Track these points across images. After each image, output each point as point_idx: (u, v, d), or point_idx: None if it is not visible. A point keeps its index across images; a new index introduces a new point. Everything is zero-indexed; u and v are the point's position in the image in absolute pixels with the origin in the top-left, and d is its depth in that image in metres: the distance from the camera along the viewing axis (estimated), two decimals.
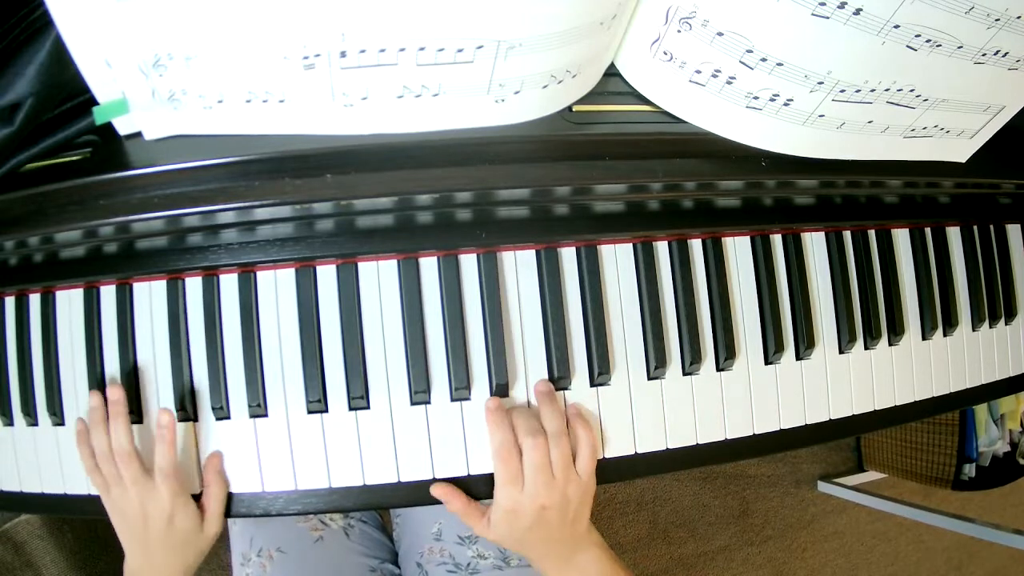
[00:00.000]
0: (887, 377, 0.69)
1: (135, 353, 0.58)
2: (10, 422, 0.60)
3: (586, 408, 0.60)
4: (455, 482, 0.58)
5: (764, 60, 0.47)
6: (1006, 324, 0.76)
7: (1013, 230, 0.78)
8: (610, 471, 0.60)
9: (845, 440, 1.74)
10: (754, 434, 0.63)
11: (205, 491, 0.56)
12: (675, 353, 0.62)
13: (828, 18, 0.44)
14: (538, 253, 0.60)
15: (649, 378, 0.62)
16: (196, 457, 0.57)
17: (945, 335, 0.72)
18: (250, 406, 0.57)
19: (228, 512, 0.57)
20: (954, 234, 0.74)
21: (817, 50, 0.46)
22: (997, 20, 0.45)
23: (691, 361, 0.62)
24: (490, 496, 0.56)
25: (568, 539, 0.56)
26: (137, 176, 0.47)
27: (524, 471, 0.54)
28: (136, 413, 0.57)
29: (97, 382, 0.58)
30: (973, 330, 0.74)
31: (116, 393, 0.55)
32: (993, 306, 0.75)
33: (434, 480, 0.58)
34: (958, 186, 0.67)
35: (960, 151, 0.61)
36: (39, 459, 0.59)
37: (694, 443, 0.62)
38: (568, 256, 0.61)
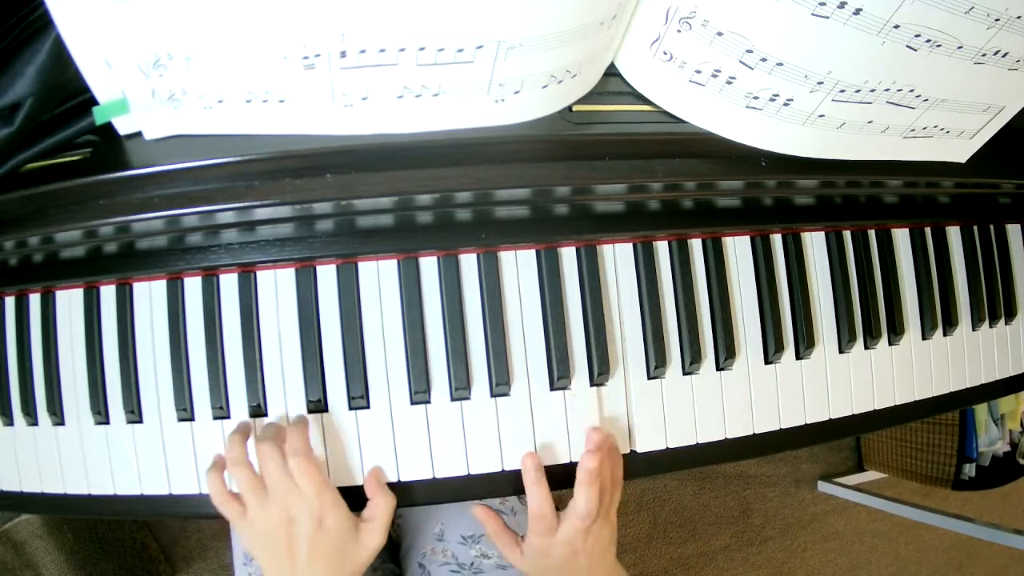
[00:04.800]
0: (887, 377, 0.69)
1: (135, 353, 0.58)
2: (10, 422, 0.60)
3: (608, 429, 0.60)
4: (456, 481, 0.58)
5: (764, 60, 0.47)
6: (1006, 324, 0.76)
7: (1013, 230, 0.78)
8: None
9: (845, 440, 1.74)
10: (754, 434, 0.63)
11: (369, 502, 0.54)
12: (675, 353, 0.62)
13: (828, 18, 0.44)
14: (538, 253, 0.60)
15: (649, 378, 0.62)
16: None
17: (945, 335, 0.72)
18: (250, 406, 0.57)
19: None
20: (954, 234, 0.75)
21: (817, 50, 0.46)
22: (997, 20, 0.45)
23: (691, 361, 0.62)
24: (488, 496, 0.56)
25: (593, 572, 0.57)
26: (137, 176, 0.47)
27: (563, 519, 0.55)
28: (135, 412, 0.57)
29: (97, 382, 0.58)
30: (973, 330, 0.74)
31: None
32: (993, 306, 0.75)
33: (434, 479, 0.58)
34: (958, 186, 0.67)
35: (960, 151, 0.61)
36: (39, 459, 0.59)
37: (694, 443, 0.62)
38: (568, 256, 0.61)
